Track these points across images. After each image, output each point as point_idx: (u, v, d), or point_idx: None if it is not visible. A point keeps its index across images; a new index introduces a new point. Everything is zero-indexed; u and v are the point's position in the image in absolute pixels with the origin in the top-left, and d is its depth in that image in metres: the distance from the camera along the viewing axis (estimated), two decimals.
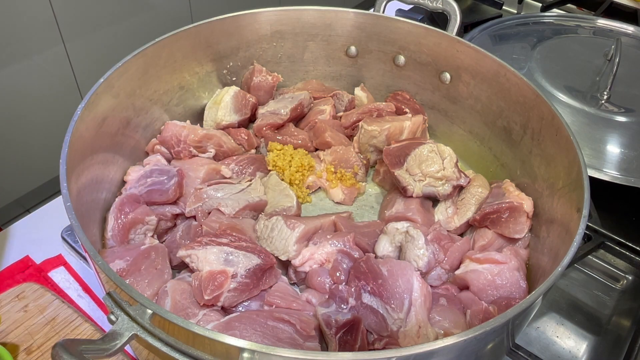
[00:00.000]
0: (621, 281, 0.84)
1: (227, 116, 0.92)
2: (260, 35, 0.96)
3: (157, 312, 0.48)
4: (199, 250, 0.67)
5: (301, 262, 0.72)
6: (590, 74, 1.11)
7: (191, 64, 0.91)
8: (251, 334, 0.60)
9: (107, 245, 0.73)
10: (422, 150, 0.82)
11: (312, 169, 0.88)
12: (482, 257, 0.71)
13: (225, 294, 0.64)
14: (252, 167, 0.87)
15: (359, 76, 1.02)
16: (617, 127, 0.98)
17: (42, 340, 0.68)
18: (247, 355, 0.46)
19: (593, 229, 0.84)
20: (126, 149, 0.82)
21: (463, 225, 0.80)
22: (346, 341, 0.62)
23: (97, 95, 0.72)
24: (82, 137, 0.69)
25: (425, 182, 0.80)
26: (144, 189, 0.77)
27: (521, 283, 0.68)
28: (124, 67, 0.77)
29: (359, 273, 0.68)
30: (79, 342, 0.46)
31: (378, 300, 0.66)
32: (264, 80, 0.97)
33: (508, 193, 0.77)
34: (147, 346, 0.50)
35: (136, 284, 0.66)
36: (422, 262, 0.70)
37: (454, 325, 0.65)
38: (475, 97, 0.90)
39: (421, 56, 0.93)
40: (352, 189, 0.87)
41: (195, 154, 0.86)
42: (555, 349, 0.74)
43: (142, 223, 0.74)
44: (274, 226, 0.74)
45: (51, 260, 0.80)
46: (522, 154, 0.83)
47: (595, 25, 1.29)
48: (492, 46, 1.18)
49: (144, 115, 0.85)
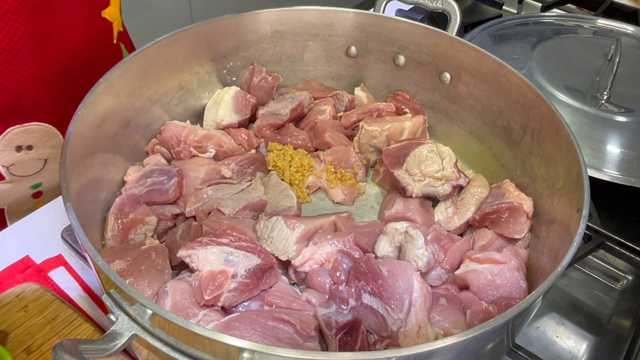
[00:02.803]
0: (621, 281, 0.84)
1: (227, 116, 0.92)
2: (260, 35, 0.96)
3: (157, 312, 0.48)
4: (199, 250, 0.67)
5: (301, 262, 0.72)
6: (590, 74, 1.11)
7: (191, 64, 0.91)
8: (251, 334, 0.60)
9: (107, 245, 0.73)
10: (421, 150, 0.82)
11: (312, 169, 0.88)
12: (482, 257, 0.71)
13: (225, 294, 0.64)
14: (252, 167, 0.87)
15: (359, 76, 1.02)
16: (617, 127, 0.98)
17: (42, 340, 0.68)
18: (247, 355, 0.46)
19: (593, 229, 0.84)
20: (126, 149, 0.82)
21: (463, 225, 0.80)
22: (346, 342, 0.62)
23: (97, 95, 0.72)
24: (82, 137, 0.69)
25: (425, 182, 0.81)
26: (144, 189, 0.77)
27: (521, 283, 0.68)
28: (124, 67, 0.77)
29: (359, 273, 0.69)
30: (79, 342, 0.46)
31: (378, 301, 0.66)
32: (264, 80, 0.97)
33: (508, 193, 0.77)
34: (147, 346, 0.50)
35: (136, 284, 0.66)
36: (422, 262, 0.70)
37: (454, 325, 0.65)
38: (475, 97, 0.90)
39: (421, 56, 0.93)
40: (352, 189, 0.87)
41: (195, 154, 0.86)
42: (555, 349, 0.74)
43: (142, 223, 0.74)
44: (274, 226, 0.74)
45: (51, 260, 0.80)
46: (522, 154, 0.83)
47: (595, 25, 1.29)
48: (492, 46, 1.18)
49: (144, 115, 0.85)
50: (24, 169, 0.86)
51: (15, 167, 0.85)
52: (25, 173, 0.87)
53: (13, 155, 0.84)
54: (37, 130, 0.84)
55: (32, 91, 0.81)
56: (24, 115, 0.82)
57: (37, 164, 0.86)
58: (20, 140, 0.83)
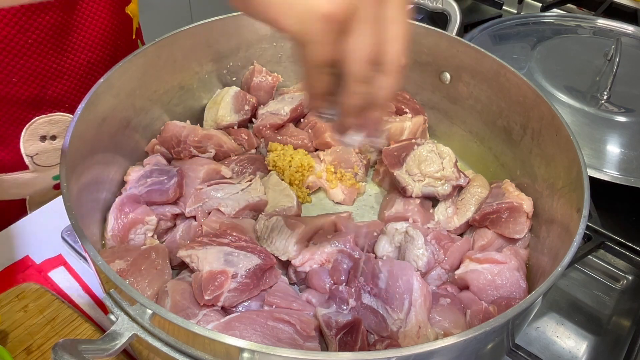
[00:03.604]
0: (621, 281, 0.84)
1: (227, 116, 0.92)
2: (260, 35, 0.96)
3: (157, 312, 0.48)
4: (199, 250, 0.67)
5: (301, 262, 0.72)
6: (590, 74, 1.11)
7: (191, 64, 0.91)
8: (251, 334, 0.60)
9: (107, 245, 0.73)
10: (421, 150, 0.82)
11: (312, 169, 0.88)
12: (482, 257, 0.71)
13: (225, 294, 0.64)
14: (252, 167, 0.87)
15: None
16: (617, 127, 0.98)
17: (42, 340, 0.68)
18: (247, 355, 0.46)
19: (593, 229, 0.84)
20: (126, 149, 0.82)
21: (463, 225, 0.80)
22: (346, 342, 0.62)
23: (97, 95, 0.72)
24: (82, 137, 0.69)
25: (425, 182, 0.81)
26: (144, 189, 0.77)
27: (521, 283, 0.68)
28: (124, 67, 0.77)
29: (359, 273, 0.69)
30: (79, 342, 0.46)
31: (378, 301, 0.66)
32: (264, 80, 0.97)
33: (508, 193, 0.77)
34: (147, 346, 0.50)
35: (136, 284, 0.66)
36: (422, 262, 0.70)
37: (454, 325, 0.65)
38: (475, 97, 0.90)
39: (421, 56, 0.93)
40: (352, 189, 0.87)
41: (195, 154, 0.86)
42: (555, 349, 0.74)
43: (142, 223, 0.74)
44: (274, 226, 0.74)
45: (51, 260, 0.80)
46: (522, 154, 0.83)
47: (595, 25, 1.29)
48: (492, 46, 1.18)
49: (144, 115, 0.85)
50: (47, 159, 0.89)
51: (39, 157, 0.87)
52: (48, 163, 0.89)
53: (37, 144, 0.86)
54: (61, 120, 0.86)
55: (57, 82, 0.83)
56: (50, 105, 0.84)
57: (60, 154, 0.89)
58: (44, 130, 0.85)
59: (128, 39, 0.96)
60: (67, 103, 0.86)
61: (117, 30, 0.90)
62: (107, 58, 0.89)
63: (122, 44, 0.93)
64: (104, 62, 0.89)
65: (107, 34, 0.88)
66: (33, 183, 0.91)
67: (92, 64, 0.87)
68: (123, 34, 0.93)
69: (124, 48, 0.93)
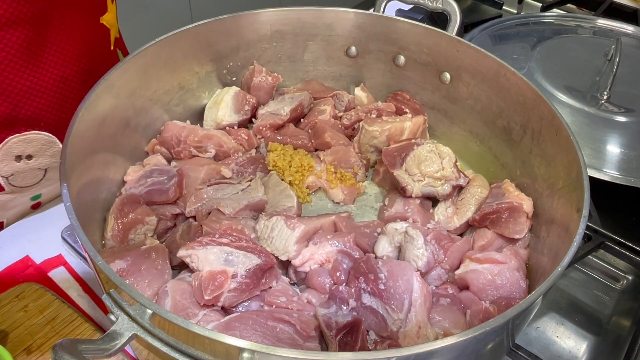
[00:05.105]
0: (621, 281, 0.84)
1: (227, 116, 0.92)
2: (260, 35, 0.96)
3: (157, 312, 0.48)
4: (199, 250, 0.67)
5: (301, 262, 0.72)
6: (590, 74, 1.11)
7: (191, 64, 0.91)
8: (251, 334, 0.60)
9: (107, 245, 0.73)
10: (421, 150, 0.82)
11: (312, 169, 0.88)
12: (482, 257, 0.71)
13: (225, 294, 0.65)
14: (252, 167, 0.87)
15: (359, 76, 1.02)
16: (617, 127, 0.98)
17: (42, 340, 0.68)
18: (247, 355, 0.46)
19: (593, 229, 0.84)
20: (126, 149, 0.82)
21: (463, 225, 0.80)
22: (346, 342, 0.62)
23: (97, 95, 0.72)
24: (82, 137, 0.69)
25: (425, 182, 0.81)
26: (144, 189, 0.77)
27: (521, 283, 0.68)
28: (124, 67, 0.77)
29: (359, 273, 0.69)
30: (79, 342, 0.46)
31: (378, 301, 0.66)
32: (264, 80, 0.97)
33: (508, 193, 0.77)
34: (147, 346, 0.50)
35: (136, 284, 0.66)
36: (422, 262, 0.70)
37: (454, 325, 0.65)
38: (475, 97, 0.90)
39: (421, 56, 0.93)
40: (352, 189, 0.87)
41: (196, 154, 0.86)
42: (555, 349, 0.74)
43: (142, 223, 0.74)
44: (274, 226, 0.74)
45: (51, 260, 0.80)
46: (522, 154, 0.83)
47: (595, 25, 1.29)
48: (492, 46, 1.18)
49: (144, 115, 0.85)
50: (24, 180, 0.85)
51: (15, 178, 0.83)
52: (25, 184, 0.85)
53: (12, 165, 0.82)
54: (37, 139, 0.82)
55: (31, 100, 0.80)
56: (24, 124, 0.81)
57: (37, 173, 0.84)
58: (19, 149, 0.81)
59: (105, 50, 0.92)
60: (43, 121, 0.82)
61: (92, 42, 0.86)
62: (83, 72, 0.85)
63: (99, 56, 0.89)
64: (80, 77, 0.85)
65: (82, 47, 0.84)
66: (10, 205, 0.87)
67: (68, 79, 0.83)
68: (100, 46, 0.90)
69: (101, 60, 0.89)
